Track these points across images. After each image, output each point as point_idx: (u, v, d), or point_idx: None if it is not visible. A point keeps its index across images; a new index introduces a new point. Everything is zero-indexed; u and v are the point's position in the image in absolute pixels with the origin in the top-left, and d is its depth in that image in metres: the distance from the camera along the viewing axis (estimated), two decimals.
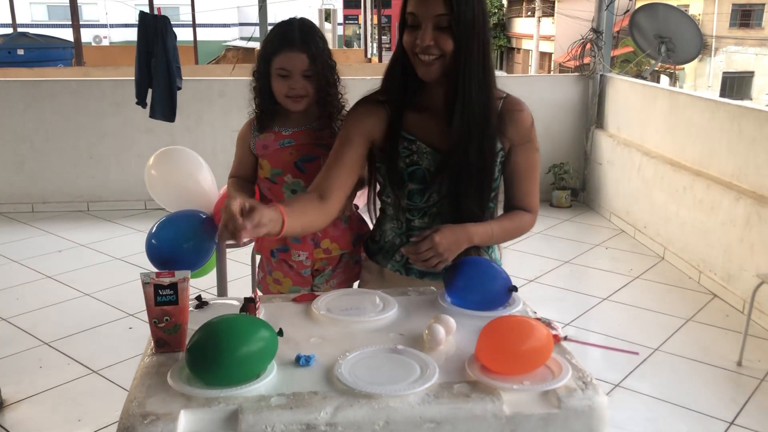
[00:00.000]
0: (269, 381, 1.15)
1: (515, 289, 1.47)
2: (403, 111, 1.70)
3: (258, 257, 2.04)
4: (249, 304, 1.35)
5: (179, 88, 4.79)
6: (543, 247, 4.95)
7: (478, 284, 1.45)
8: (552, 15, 26.86)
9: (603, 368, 3.20)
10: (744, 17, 28.05)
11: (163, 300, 1.22)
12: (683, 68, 24.03)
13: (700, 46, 5.75)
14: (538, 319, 1.30)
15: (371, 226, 1.93)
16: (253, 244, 2.09)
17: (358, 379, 1.15)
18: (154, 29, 4.52)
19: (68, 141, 5.75)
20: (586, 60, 6.03)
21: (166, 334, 1.25)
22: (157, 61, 4.60)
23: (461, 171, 1.62)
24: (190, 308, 1.37)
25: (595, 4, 5.89)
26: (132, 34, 5.58)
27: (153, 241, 2.00)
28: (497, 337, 1.19)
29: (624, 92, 5.66)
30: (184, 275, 1.23)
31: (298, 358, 1.23)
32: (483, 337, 1.20)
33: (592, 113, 6.00)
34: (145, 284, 1.23)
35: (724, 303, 3.97)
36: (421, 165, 1.68)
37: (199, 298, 1.46)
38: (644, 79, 6.11)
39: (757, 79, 27.04)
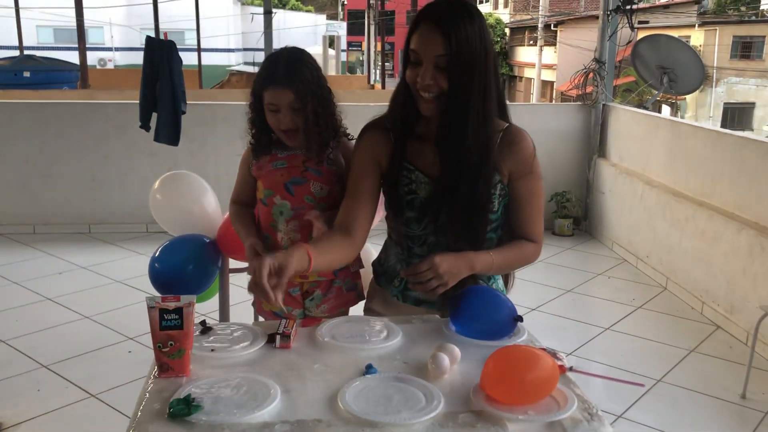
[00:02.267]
0: (273, 408, 1.14)
1: (521, 319, 1.46)
2: (405, 140, 1.72)
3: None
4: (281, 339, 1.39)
5: (184, 113, 4.82)
6: (545, 275, 4.94)
7: (483, 313, 1.45)
8: (554, 44, 27.09)
9: (605, 399, 3.17)
10: (744, 49, 28.30)
11: (168, 324, 1.22)
12: (684, 98, 24.19)
13: (702, 77, 5.79)
14: (544, 349, 1.30)
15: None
16: None
17: (362, 407, 1.14)
18: (160, 53, 4.56)
19: (71, 163, 5.77)
20: (589, 89, 6.07)
21: (170, 359, 1.24)
22: (163, 84, 4.63)
23: (453, 203, 1.63)
24: (197, 333, 1.37)
25: (597, 34, 5.94)
26: (136, 58, 5.63)
27: (156, 264, 2.00)
28: (502, 367, 1.18)
29: (626, 122, 5.69)
30: (190, 300, 1.23)
31: (368, 367, 1.30)
32: (488, 366, 1.20)
33: (594, 142, 6.02)
34: (150, 308, 1.22)
35: (727, 334, 3.95)
36: (418, 194, 1.70)
37: (203, 323, 1.46)
38: (646, 108, 6.15)
39: (758, 110, 27.17)
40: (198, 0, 15.30)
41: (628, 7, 5.75)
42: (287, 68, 1.86)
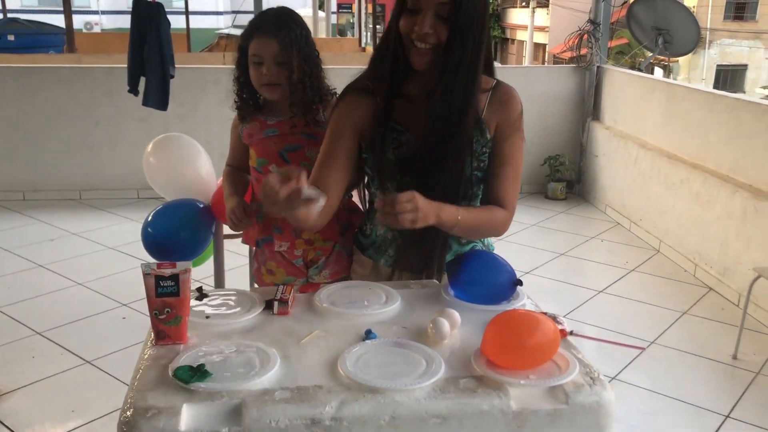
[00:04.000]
0: (272, 374, 1.13)
1: (520, 282, 1.45)
2: (392, 99, 1.64)
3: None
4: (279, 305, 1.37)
5: (172, 77, 4.75)
6: (538, 239, 4.94)
7: (482, 277, 1.43)
8: (546, 6, 26.78)
9: (598, 361, 3.18)
10: (738, 10, 28.08)
11: (164, 291, 1.20)
12: (677, 60, 24.07)
13: (696, 39, 5.74)
14: (544, 314, 1.29)
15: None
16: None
17: (363, 373, 1.13)
18: (148, 16, 4.46)
19: (60, 129, 5.69)
20: (583, 51, 6.01)
21: (166, 326, 1.22)
22: (151, 48, 4.55)
23: (435, 159, 1.57)
24: (193, 299, 1.35)
25: None
26: (123, 21, 5.52)
27: (149, 229, 1.98)
28: (503, 332, 1.17)
29: (621, 84, 5.65)
30: (186, 266, 1.21)
31: (368, 332, 1.29)
32: (489, 331, 1.19)
33: (588, 105, 5.99)
34: (146, 275, 1.20)
35: (720, 296, 3.98)
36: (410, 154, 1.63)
37: (199, 289, 1.44)
38: (641, 71, 6.11)
39: (750, 72, 27.08)
40: None
41: None
42: (275, 20, 1.83)
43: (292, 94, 1.84)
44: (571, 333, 1.30)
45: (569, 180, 6.06)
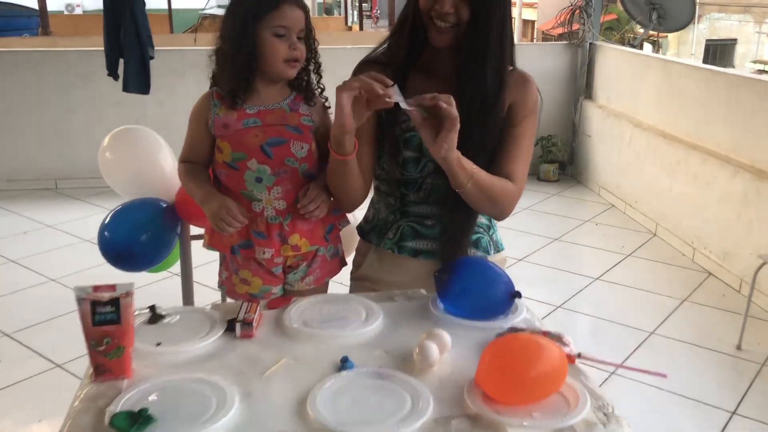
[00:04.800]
0: (230, 419, 0.96)
1: (519, 295, 1.28)
2: (406, 74, 1.60)
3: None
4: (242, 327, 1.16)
5: (152, 58, 4.52)
6: (531, 223, 4.78)
7: (475, 289, 1.26)
8: None
9: (596, 352, 3.05)
10: None
11: (103, 319, 1.02)
12: (666, 36, 23.88)
13: (692, 13, 5.55)
14: (547, 333, 1.12)
15: (348, 215, 1.77)
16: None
17: (336, 415, 0.96)
18: None
19: (33, 116, 5.45)
20: (574, 27, 5.81)
21: (107, 359, 1.05)
22: (126, 30, 4.31)
23: (460, 143, 1.46)
24: (142, 322, 1.17)
25: None
26: None
27: (106, 233, 1.77)
28: (501, 361, 1.00)
29: (614, 61, 5.46)
30: (128, 289, 1.03)
31: (344, 360, 1.12)
32: (484, 360, 1.01)
33: (580, 83, 5.80)
34: (79, 301, 1.02)
35: (720, 282, 3.83)
36: (417, 131, 1.50)
37: (153, 309, 1.26)
38: (634, 47, 5.92)
39: (740, 47, 26.96)
40: None
41: None
42: None
43: (301, 77, 1.68)
44: (579, 356, 1.13)
45: (561, 161, 5.89)
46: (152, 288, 2.96)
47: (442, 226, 1.64)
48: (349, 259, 1.85)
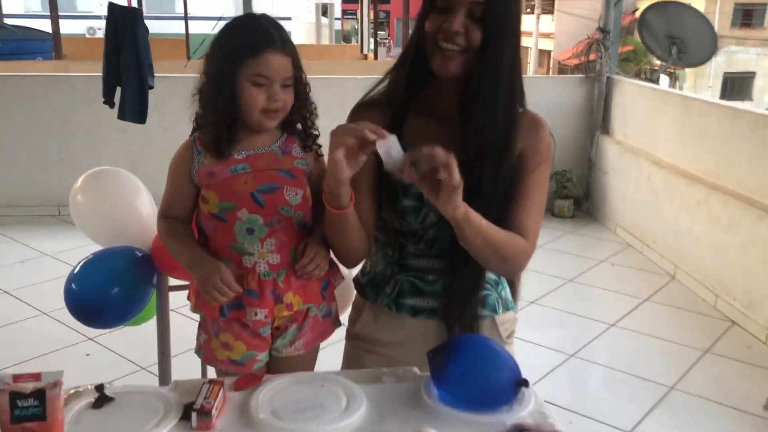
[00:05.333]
0: None
1: (526, 383, 1.10)
2: (405, 114, 1.47)
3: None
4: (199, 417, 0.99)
5: (151, 87, 4.42)
6: (545, 262, 4.58)
7: (476, 375, 1.09)
8: (552, 12, 26.46)
9: (612, 409, 2.85)
10: (746, 17, 27.86)
11: (24, 414, 0.85)
12: (683, 68, 23.78)
13: (714, 48, 5.39)
14: None
15: (343, 269, 1.60)
16: None
17: None
18: (123, 22, 4.14)
19: (37, 140, 5.36)
20: (592, 57, 5.66)
21: None
22: (127, 57, 4.22)
23: (473, 189, 1.34)
24: (86, 406, 1.00)
25: (602, 2, 5.52)
26: None
27: (73, 285, 1.60)
28: None
29: (632, 96, 5.30)
30: (56, 378, 0.86)
31: None
32: None
33: (597, 117, 5.63)
34: None
35: (745, 332, 3.62)
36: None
37: (100, 388, 1.09)
38: (653, 81, 5.77)
39: (758, 80, 26.80)
40: None
41: None
42: (279, 30, 1.46)
43: (288, 124, 1.54)
44: None
45: (577, 197, 5.71)
46: (128, 334, 2.75)
47: (446, 282, 1.49)
48: (345, 315, 1.69)
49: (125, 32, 4.17)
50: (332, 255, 1.53)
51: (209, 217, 1.50)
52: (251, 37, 1.44)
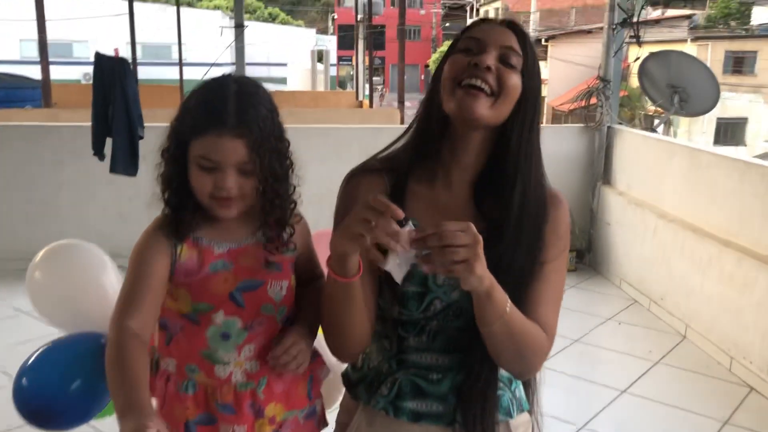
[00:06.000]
0: None
1: None
2: (407, 183, 1.30)
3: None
4: None
5: (141, 138, 4.27)
6: None
7: None
8: (545, 59, 26.71)
9: None
10: (737, 64, 28.28)
11: None
12: (686, 117, 24.01)
13: (717, 97, 5.27)
14: None
15: (326, 360, 1.41)
16: None
17: None
18: (111, 73, 4.00)
19: (21, 192, 5.19)
20: (593, 101, 5.54)
21: None
22: (116, 108, 4.09)
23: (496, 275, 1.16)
24: None
25: (601, 50, 5.43)
26: None
27: (23, 380, 1.36)
28: None
29: (634, 146, 5.16)
30: None
31: None
32: None
33: (598, 168, 5.50)
34: None
35: (765, 399, 3.40)
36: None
37: None
38: (654, 131, 5.66)
39: (751, 125, 27.08)
40: (179, 10, 14.82)
41: (635, 20, 5.25)
42: (239, 106, 1.24)
43: (260, 211, 1.31)
44: None
45: (579, 249, 5.53)
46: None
47: (453, 381, 1.28)
48: (331, 413, 1.48)
49: (113, 83, 4.03)
50: (316, 344, 1.33)
51: (177, 316, 1.28)
52: (202, 113, 1.24)
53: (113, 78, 4.02)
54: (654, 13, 25.91)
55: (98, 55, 4.16)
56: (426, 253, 1.05)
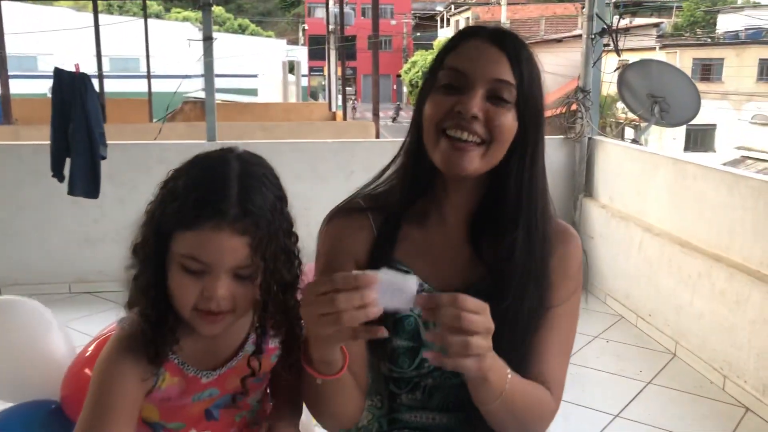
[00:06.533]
0: None
1: None
2: (398, 226, 1.15)
3: None
4: None
5: (103, 158, 4.05)
6: None
7: None
8: None
9: None
10: (704, 71, 28.72)
11: None
12: (666, 127, 24.26)
13: (698, 106, 5.19)
14: None
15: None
16: None
17: None
18: (71, 89, 3.78)
19: None
20: (573, 107, 5.43)
21: None
22: (76, 126, 3.87)
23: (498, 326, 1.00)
24: None
25: (581, 60, 5.34)
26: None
27: None
28: None
29: (616, 158, 5.06)
30: None
31: None
32: None
33: (579, 180, 5.38)
34: None
35: (761, 420, 3.28)
36: (413, 311, 1.08)
37: None
38: (637, 142, 5.57)
39: (719, 132, 27.53)
40: (147, 22, 14.59)
41: (614, 28, 5.17)
42: (243, 192, 0.99)
43: (258, 325, 1.09)
44: None
45: None
46: None
47: None
48: None
49: (73, 100, 3.81)
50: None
51: (141, 424, 1.07)
52: (194, 199, 0.97)
53: (73, 94, 3.80)
54: (623, 22, 26.23)
55: (57, 70, 3.94)
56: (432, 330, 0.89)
